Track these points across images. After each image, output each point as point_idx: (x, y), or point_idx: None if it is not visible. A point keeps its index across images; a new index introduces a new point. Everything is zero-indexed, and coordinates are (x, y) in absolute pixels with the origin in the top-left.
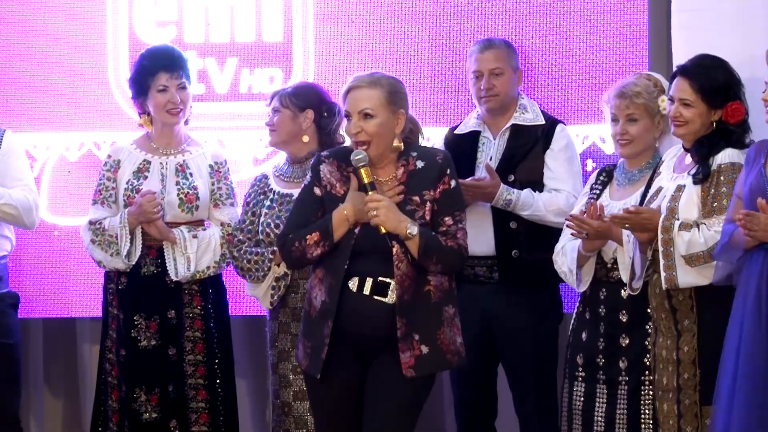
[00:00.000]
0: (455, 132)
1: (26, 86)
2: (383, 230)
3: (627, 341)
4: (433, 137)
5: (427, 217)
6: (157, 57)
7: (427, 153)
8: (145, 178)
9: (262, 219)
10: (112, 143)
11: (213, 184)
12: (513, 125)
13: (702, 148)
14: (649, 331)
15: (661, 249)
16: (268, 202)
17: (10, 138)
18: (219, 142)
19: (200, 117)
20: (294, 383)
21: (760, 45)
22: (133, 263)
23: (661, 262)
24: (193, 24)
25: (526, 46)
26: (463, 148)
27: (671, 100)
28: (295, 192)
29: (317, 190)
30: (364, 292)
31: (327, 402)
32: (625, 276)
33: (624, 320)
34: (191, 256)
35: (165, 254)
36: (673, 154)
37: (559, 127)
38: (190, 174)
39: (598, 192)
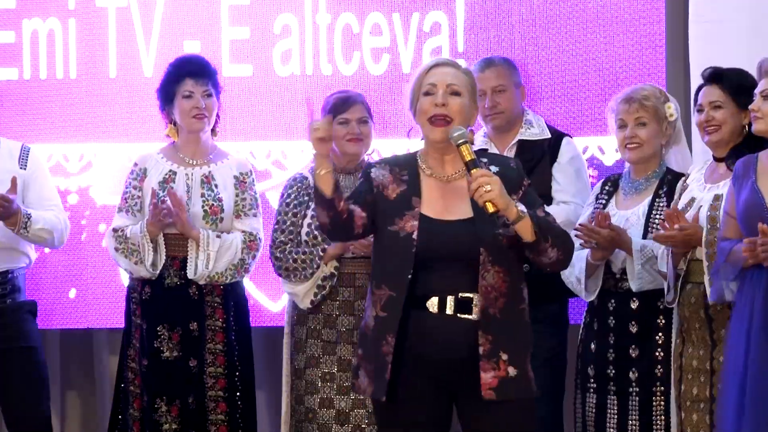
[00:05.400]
0: None
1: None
2: (491, 209)
3: (637, 352)
4: None
5: None
6: (184, 64)
7: (498, 159)
8: (171, 190)
9: (307, 221)
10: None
11: (237, 196)
12: (519, 141)
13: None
14: (660, 341)
15: (705, 264)
16: (313, 205)
17: (35, 157)
18: (251, 153)
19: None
20: (321, 390)
21: None
22: (158, 271)
23: (707, 277)
24: None
25: (542, 59)
26: None
27: (699, 111)
28: None
29: (368, 185)
30: (447, 312)
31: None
32: (634, 285)
33: (634, 331)
34: (212, 254)
35: (188, 253)
36: (699, 167)
37: (565, 140)
38: (216, 186)
39: (604, 202)
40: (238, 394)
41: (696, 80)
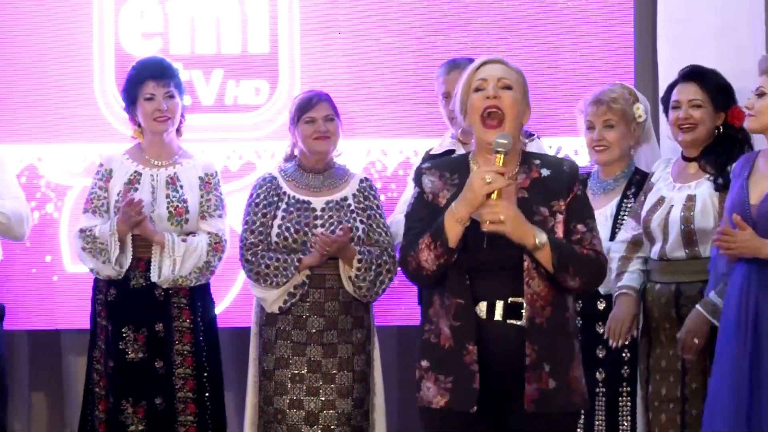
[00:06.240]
0: (431, 152)
1: (10, 99)
2: (486, 228)
3: (604, 353)
4: (419, 150)
5: (559, 232)
6: (146, 66)
7: (552, 161)
8: (136, 189)
9: (277, 222)
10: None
11: (202, 196)
12: None
13: (717, 157)
14: (626, 342)
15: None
16: (283, 206)
17: None
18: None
19: (185, 128)
20: (291, 391)
21: (744, 57)
22: (124, 270)
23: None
24: (179, 36)
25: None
26: None
27: (674, 107)
28: (313, 200)
29: (426, 197)
30: (496, 318)
31: None
32: (601, 287)
33: (600, 332)
34: (177, 259)
35: (152, 256)
36: (663, 167)
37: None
38: (181, 186)
39: None
40: (206, 394)
41: (665, 80)
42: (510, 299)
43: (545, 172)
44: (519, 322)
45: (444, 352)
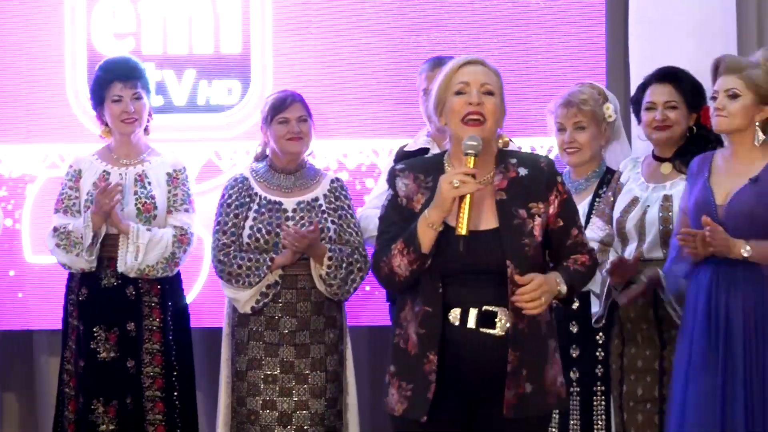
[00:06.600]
0: (405, 149)
1: None
2: (461, 231)
3: (578, 352)
4: (392, 149)
5: (537, 234)
6: (113, 68)
7: (528, 159)
8: (106, 181)
9: (249, 223)
10: (66, 155)
11: (169, 192)
12: None
13: (692, 156)
14: (600, 341)
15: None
16: (255, 206)
17: None
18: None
19: (158, 129)
20: (264, 392)
21: (716, 56)
22: (95, 262)
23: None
24: (151, 36)
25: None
26: None
27: (649, 109)
28: (285, 201)
29: (400, 200)
30: (469, 326)
31: None
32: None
33: (574, 331)
34: (141, 246)
35: (119, 246)
36: (631, 167)
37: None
38: (149, 183)
39: None
40: (176, 394)
41: (636, 80)
42: (484, 307)
43: (522, 171)
44: (492, 331)
45: (409, 359)
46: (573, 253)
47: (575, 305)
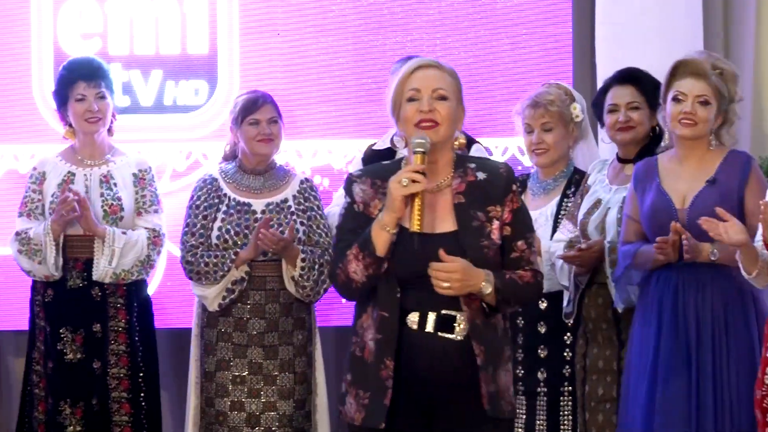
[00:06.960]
0: (373, 148)
1: None
2: (415, 228)
3: (546, 352)
4: (358, 150)
5: (495, 237)
6: (76, 67)
7: (487, 164)
8: (70, 190)
9: (217, 224)
10: (35, 156)
11: (137, 193)
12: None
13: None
14: (568, 342)
15: (609, 270)
16: (224, 207)
17: None
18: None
19: (125, 129)
20: (232, 393)
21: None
22: (59, 270)
23: (611, 283)
24: (117, 36)
25: (450, 60)
26: None
27: (611, 111)
28: (254, 202)
29: (357, 207)
30: (427, 330)
31: None
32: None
33: (542, 331)
34: (116, 250)
35: (95, 252)
36: (598, 168)
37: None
38: (114, 184)
39: None
40: (142, 395)
41: (603, 80)
42: (443, 311)
43: (481, 175)
44: (451, 336)
45: (366, 366)
46: (516, 267)
47: (543, 305)
